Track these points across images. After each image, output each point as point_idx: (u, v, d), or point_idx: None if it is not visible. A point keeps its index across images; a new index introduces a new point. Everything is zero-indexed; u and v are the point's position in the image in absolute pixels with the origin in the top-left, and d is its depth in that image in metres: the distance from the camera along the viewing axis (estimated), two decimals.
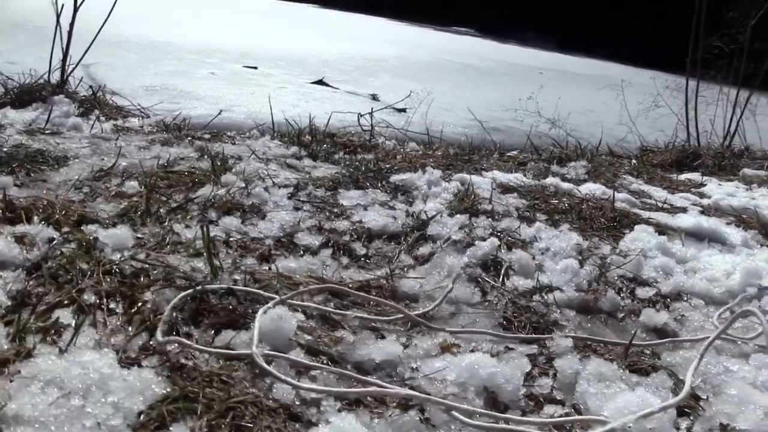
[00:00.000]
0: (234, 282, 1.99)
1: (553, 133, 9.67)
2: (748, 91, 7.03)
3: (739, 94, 6.83)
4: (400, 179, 3.29)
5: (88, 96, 4.45)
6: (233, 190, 2.81)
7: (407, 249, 2.54)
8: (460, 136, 10.17)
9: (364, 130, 4.89)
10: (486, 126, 11.29)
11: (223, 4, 29.58)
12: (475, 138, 10.61)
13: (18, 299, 1.79)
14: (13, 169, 2.91)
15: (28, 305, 1.76)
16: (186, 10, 23.86)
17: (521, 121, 12.71)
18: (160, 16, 19.74)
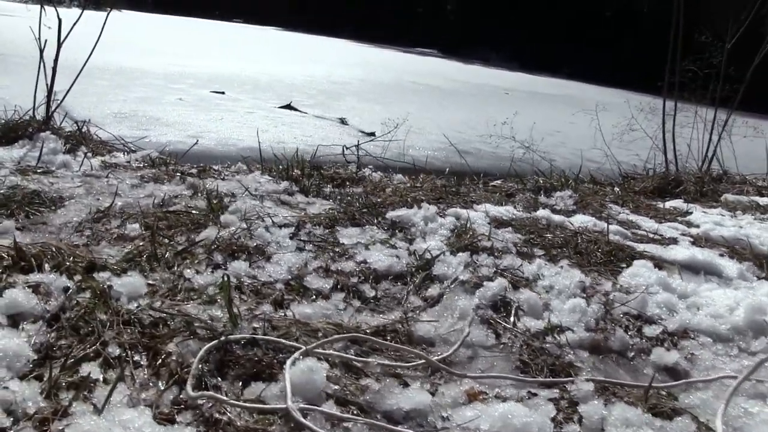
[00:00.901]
0: (254, 330, 1.99)
1: (527, 158, 9.78)
2: (725, 113, 7.15)
3: (716, 117, 6.94)
4: (396, 215, 3.31)
5: (73, 131, 4.40)
6: (235, 231, 2.80)
7: (415, 290, 2.55)
8: (430, 159, 10.22)
9: (347, 161, 4.90)
10: (452, 148, 11.37)
11: (188, 30, 29.46)
12: (445, 161, 10.69)
13: (43, 352, 1.78)
14: (12, 211, 2.89)
15: (54, 358, 1.75)
16: (153, 39, 23.76)
17: (490, 143, 12.85)
18: (128, 44, 19.64)
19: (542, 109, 18.84)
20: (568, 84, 28.59)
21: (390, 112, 14.40)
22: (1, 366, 1.67)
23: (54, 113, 4.50)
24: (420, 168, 6.44)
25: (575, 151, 12.74)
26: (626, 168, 7.85)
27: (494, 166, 10.63)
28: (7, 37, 17.72)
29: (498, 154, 12.40)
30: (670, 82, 6.98)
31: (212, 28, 32.03)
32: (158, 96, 13.44)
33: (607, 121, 9.68)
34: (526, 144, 8.87)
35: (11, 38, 17.50)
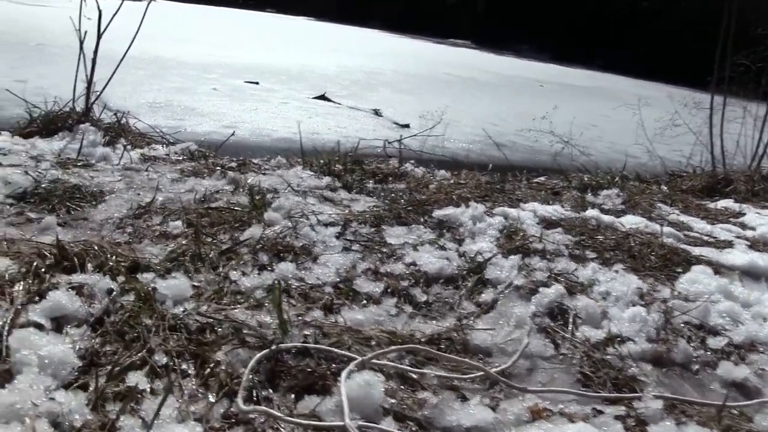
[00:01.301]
0: (305, 338, 1.91)
1: (565, 152, 9.62)
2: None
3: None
4: (444, 214, 3.21)
5: (112, 123, 4.35)
6: (280, 230, 2.71)
7: (467, 295, 2.45)
8: (466, 152, 10.12)
9: (388, 156, 4.79)
10: (490, 141, 11.22)
11: (221, 20, 29.53)
12: (480, 154, 10.55)
13: (87, 359, 1.70)
14: (53, 206, 2.83)
15: (99, 366, 1.67)
16: (186, 28, 23.77)
17: (525, 136, 12.68)
18: (162, 33, 19.68)
19: (577, 101, 18.60)
20: (602, 76, 28.25)
21: (424, 104, 14.29)
22: (47, 374, 1.60)
23: (93, 105, 4.43)
24: (459, 162, 6.33)
25: (611, 145, 12.56)
26: (669, 165, 7.66)
27: (530, 160, 10.50)
28: (47, 27, 17.83)
29: (534, 147, 12.24)
30: (719, 77, 6.77)
31: (244, 18, 32.02)
32: (193, 86, 13.43)
33: (647, 116, 9.48)
34: (564, 138, 8.69)
35: (50, 28, 17.61)
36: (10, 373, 1.59)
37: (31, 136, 4.18)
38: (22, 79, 11.04)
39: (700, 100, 8.47)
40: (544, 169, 9.20)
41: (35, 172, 3.16)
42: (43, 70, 12.31)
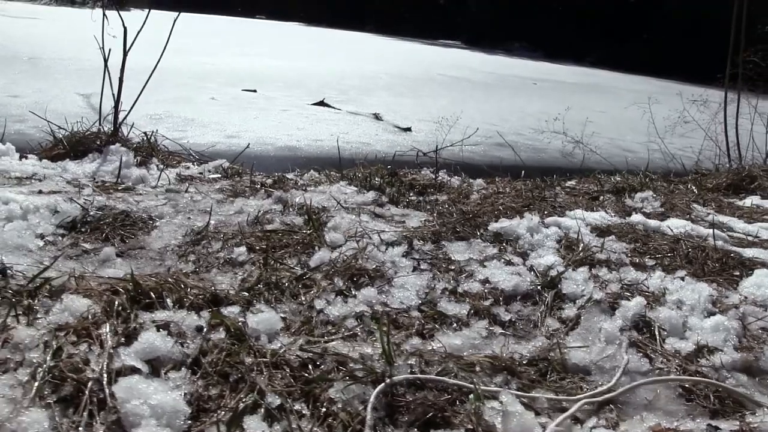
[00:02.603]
0: (410, 368, 1.85)
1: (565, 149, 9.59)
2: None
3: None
4: (500, 227, 3.16)
5: (141, 143, 4.27)
6: (345, 250, 2.66)
7: (548, 311, 2.40)
8: (469, 154, 10.06)
9: (420, 164, 4.74)
10: (491, 142, 11.20)
11: (212, 29, 29.44)
12: (484, 155, 10.50)
13: (194, 404, 1.64)
14: (106, 235, 2.77)
15: (209, 411, 1.61)
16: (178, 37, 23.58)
17: (526, 135, 12.64)
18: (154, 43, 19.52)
19: (572, 99, 18.59)
20: (594, 72, 28.30)
21: (423, 107, 14.26)
22: (162, 425, 1.53)
23: (121, 124, 4.35)
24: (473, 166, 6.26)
25: (610, 141, 12.53)
26: (673, 161, 7.64)
27: (532, 159, 10.44)
28: (37, 41, 17.70)
29: (536, 146, 12.21)
30: (732, 74, 6.75)
31: (235, 25, 31.94)
32: (191, 96, 13.35)
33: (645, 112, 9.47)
34: (575, 138, 8.66)
35: (41, 42, 17.49)
36: (121, 427, 1.53)
37: (59, 159, 4.12)
38: (17, 94, 10.97)
39: (707, 97, 8.46)
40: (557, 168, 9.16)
41: (81, 199, 3.09)
42: (38, 85, 12.23)
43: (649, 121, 9.46)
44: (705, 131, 7.49)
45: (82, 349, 1.79)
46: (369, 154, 9.38)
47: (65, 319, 1.92)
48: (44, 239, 2.69)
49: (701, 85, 26.83)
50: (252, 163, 4.31)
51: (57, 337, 1.84)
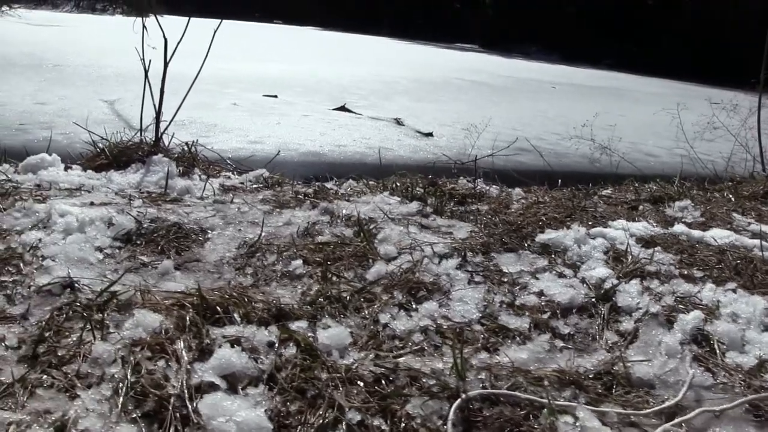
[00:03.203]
0: (481, 382, 1.88)
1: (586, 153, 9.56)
2: None
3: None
4: (547, 239, 3.18)
5: (182, 153, 4.32)
6: (400, 263, 2.69)
7: (605, 324, 2.41)
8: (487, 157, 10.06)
9: (457, 173, 4.76)
10: (514, 147, 11.16)
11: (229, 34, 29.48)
12: (507, 161, 10.46)
13: (275, 420, 1.67)
14: (162, 247, 2.80)
15: (290, 428, 1.64)
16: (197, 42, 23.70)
17: (548, 140, 12.62)
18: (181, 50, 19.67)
19: (591, 102, 18.55)
20: (612, 75, 28.23)
21: (443, 112, 14.26)
22: None
23: (163, 135, 4.40)
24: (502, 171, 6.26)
25: (632, 146, 12.46)
26: (700, 166, 7.61)
27: (556, 164, 10.41)
28: (61, 48, 17.84)
29: (557, 151, 12.18)
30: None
31: (253, 30, 32.03)
32: (212, 101, 13.40)
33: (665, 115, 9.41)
34: (602, 144, 8.64)
35: (65, 49, 17.62)
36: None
37: (103, 169, 4.16)
38: (44, 101, 11.06)
39: (737, 102, 8.43)
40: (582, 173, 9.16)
41: (133, 211, 3.13)
42: (63, 92, 12.31)
43: (670, 126, 9.44)
44: (735, 137, 7.47)
45: (160, 365, 1.82)
46: (393, 159, 9.41)
47: (139, 335, 1.96)
48: (103, 252, 2.73)
49: (721, 87, 26.70)
50: (293, 173, 4.34)
51: (133, 352, 1.87)
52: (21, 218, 3.02)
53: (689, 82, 28.87)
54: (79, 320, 2.10)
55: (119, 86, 13.37)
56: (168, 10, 42.30)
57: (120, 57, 17.21)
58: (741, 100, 8.32)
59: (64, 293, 2.29)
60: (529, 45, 36.67)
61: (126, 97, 12.01)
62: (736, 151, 7.65)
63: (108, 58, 17.12)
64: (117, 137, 4.50)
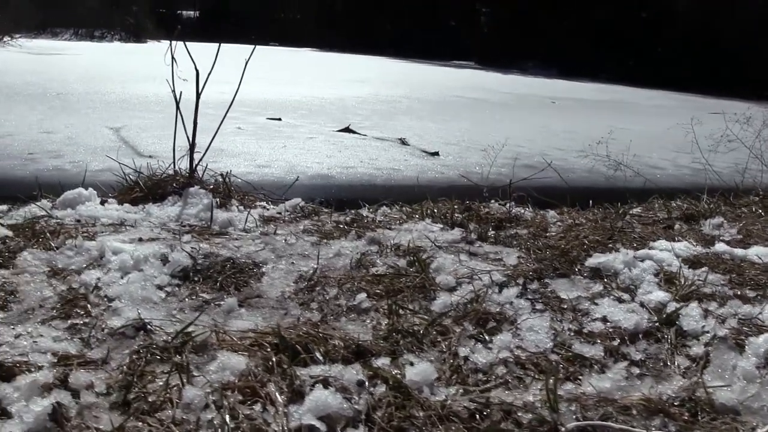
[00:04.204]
0: (572, 413, 1.89)
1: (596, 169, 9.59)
2: None
3: None
4: (597, 263, 3.20)
5: (217, 184, 4.33)
6: (464, 293, 2.70)
7: (673, 349, 2.42)
8: (499, 176, 10.08)
9: (485, 193, 4.77)
10: (520, 164, 11.19)
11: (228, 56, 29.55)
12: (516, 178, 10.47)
13: None
14: (221, 284, 2.81)
15: None
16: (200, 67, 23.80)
17: (554, 156, 12.62)
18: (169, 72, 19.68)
19: (593, 116, 18.63)
20: (611, 88, 28.34)
21: (447, 131, 14.30)
22: None
23: (197, 166, 4.42)
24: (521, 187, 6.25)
25: (636, 158, 12.41)
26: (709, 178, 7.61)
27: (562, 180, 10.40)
28: (64, 77, 17.87)
29: (563, 166, 12.11)
30: None
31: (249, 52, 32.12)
32: (216, 126, 13.39)
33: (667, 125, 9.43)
34: (617, 161, 8.67)
35: (67, 78, 17.65)
36: None
37: (139, 202, 4.18)
38: (50, 129, 11.07)
39: (750, 114, 8.48)
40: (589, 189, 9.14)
41: (187, 247, 3.14)
42: (68, 120, 12.32)
43: (674, 138, 9.47)
44: (749, 149, 7.51)
45: (256, 409, 1.83)
46: (402, 180, 9.41)
47: (227, 378, 1.97)
48: (163, 290, 2.74)
49: (720, 97, 26.74)
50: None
51: (225, 396, 1.88)
52: (74, 257, 3.02)
53: (688, 92, 29.00)
54: (159, 363, 2.10)
55: (123, 113, 13.38)
56: (166, 35, 42.51)
57: (122, 84, 17.29)
58: (743, 109, 8.37)
59: (138, 335, 2.29)
60: (526, 60, 36.82)
61: (131, 124, 12.03)
62: (740, 162, 7.69)
63: (110, 84, 17.16)
64: (139, 162, 4.51)
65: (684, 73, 29.44)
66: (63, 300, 2.56)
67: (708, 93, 28.50)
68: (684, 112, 21.86)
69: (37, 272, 2.85)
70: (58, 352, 2.14)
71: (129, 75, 20.58)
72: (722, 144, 8.18)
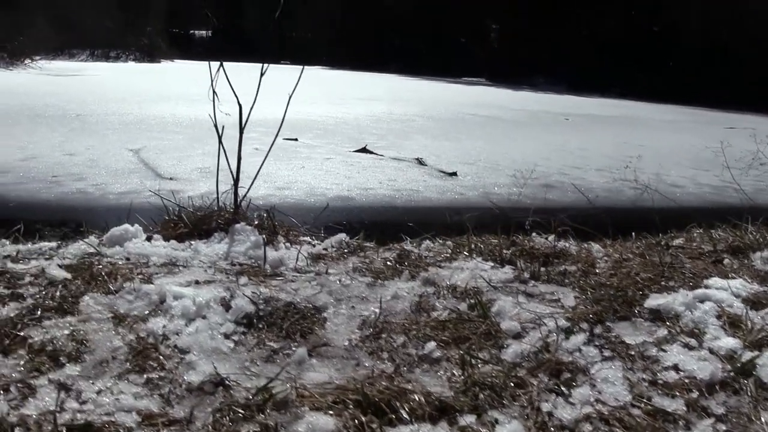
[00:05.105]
0: None
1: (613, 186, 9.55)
2: None
3: None
4: (656, 304, 3.18)
5: (262, 220, 4.33)
6: (533, 341, 2.69)
7: (756, 402, 2.40)
8: (517, 197, 10.07)
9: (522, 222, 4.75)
10: (536, 183, 11.20)
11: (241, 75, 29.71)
12: (534, 198, 10.44)
13: None
14: (286, 331, 2.81)
15: None
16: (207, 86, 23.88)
17: (571, 175, 12.61)
18: (191, 94, 19.76)
19: (608, 133, 18.62)
20: (622, 104, 28.36)
21: (462, 150, 14.31)
22: None
23: (242, 202, 4.42)
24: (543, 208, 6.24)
25: (656, 177, 12.41)
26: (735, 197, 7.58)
27: (582, 200, 10.39)
28: (82, 98, 17.98)
29: (581, 185, 12.12)
30: None
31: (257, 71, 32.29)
32: (234, 147, 13.42)
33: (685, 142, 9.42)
34: (644, 184, 8.65)
35: (86, 99, 17.75)
36: None
37: (184, 238, 4.17)
38: (72, 152, 11.13)
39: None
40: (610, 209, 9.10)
41: (246, 291, 3.14)
42: (89, 142, 12.39)
43: (692, 154, 9.45)
44: None
45: None
46: (423, 201, 9.41)
47: None
48: (230, 339, 2.74)
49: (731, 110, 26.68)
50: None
51: None
52: (135, 301, 3.03)
53: (699, 106, 29.01)
54: (243, 422, 2.10)
55: (141, 134, 13.44)
56: (180, 55, 42.88)
57: (139, 104, 17.36)
58: (757, 123, 8.36)
59: (216, 391, 2.29)
60: (536, 76, 36.85)
61: (150, 145, 12.08)
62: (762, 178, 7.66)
63: (127, 105, 17.22)
64: (159, 183, 4.52)
65: (695, 87, 29.43)
66: (134, 351, 2.56)
67: (719, 106, 28.50)
68: (697, 126, 21.88)
69: (101, 319, 2.85)
70: (141, 410, 2.15)
71: (145, 95, 20.68)
72: (754, 166, 8.17)
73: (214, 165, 11.56)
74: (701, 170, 13.33)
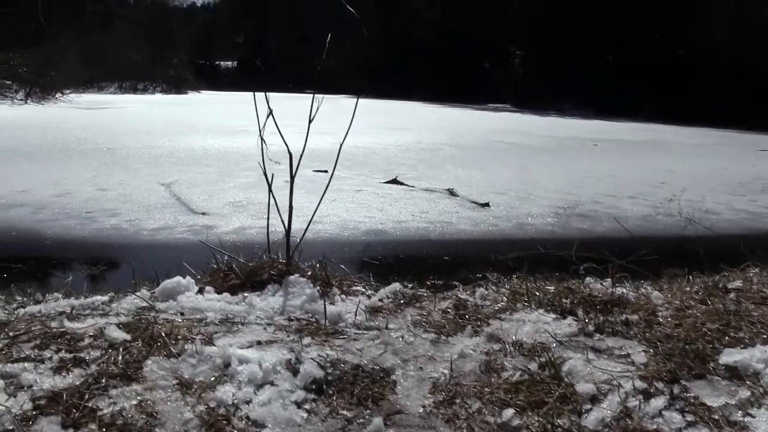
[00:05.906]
0: None
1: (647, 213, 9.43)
2: None
3: None
4: (732, 361, 3.08)
5: (315, 271, 4.29)
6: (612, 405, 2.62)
7: None
8: (551, 227, 9.97)
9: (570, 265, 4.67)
10: (571, 212, 11.08)
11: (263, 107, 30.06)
12: (567, 228, 10.31)
13: None
14: (357, 398, 2.76)
15: None
16: (237, 117, 24.07)
17: (605, 203, 12.52)
18: (216, 125, 19.88)
19: (637, 158, 18.51)
20: (650, 128, 28.22)
21: (493, 180, 14.25)
22: None
23: (293, 253, 4.39)
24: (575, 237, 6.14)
25: (688, 204, 12.27)
26: None
27: (617, 229, 10.27)
28: (112, 130, 18.19)
29: (616, 214, 12.04)
30: None
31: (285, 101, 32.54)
32: (264, 180, 13.46)
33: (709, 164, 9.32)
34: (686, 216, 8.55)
35: (116, 131, 17.95)
36: None
37: (236, 290, 4.14)
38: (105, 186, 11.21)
39: None
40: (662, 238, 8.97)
41: (312, 353, 3.09)
42: (120, 176, 12.50)
43: (721, 178, 9.32)
44: None
45: None
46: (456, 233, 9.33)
47: None
48: (302, 408, 2.69)
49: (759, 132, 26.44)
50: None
51: None
52: (198, 365, 2.99)
53: (728, 128, 28.83)
54: None
55: (172, 168, 13.52)
56: (206, 86, 43.35)
57: (168, 137, 17.50)
58: None
59: None
60: (561, 101, 36.81)
61: (181, 179, 12.15)
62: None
63: (157, 138, 17.37)
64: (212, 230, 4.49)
65: (722, 109, 29.26)
66: (206, 424, 2.52)
67: (747, 128, 28.29)
68: (726, 150, 21.69)
69: (167, 386, 2.81)
70: None
71: (174, 127, 20.87)
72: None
73: (245, 199, 11.64)
74: (736, 195, 13.18)
